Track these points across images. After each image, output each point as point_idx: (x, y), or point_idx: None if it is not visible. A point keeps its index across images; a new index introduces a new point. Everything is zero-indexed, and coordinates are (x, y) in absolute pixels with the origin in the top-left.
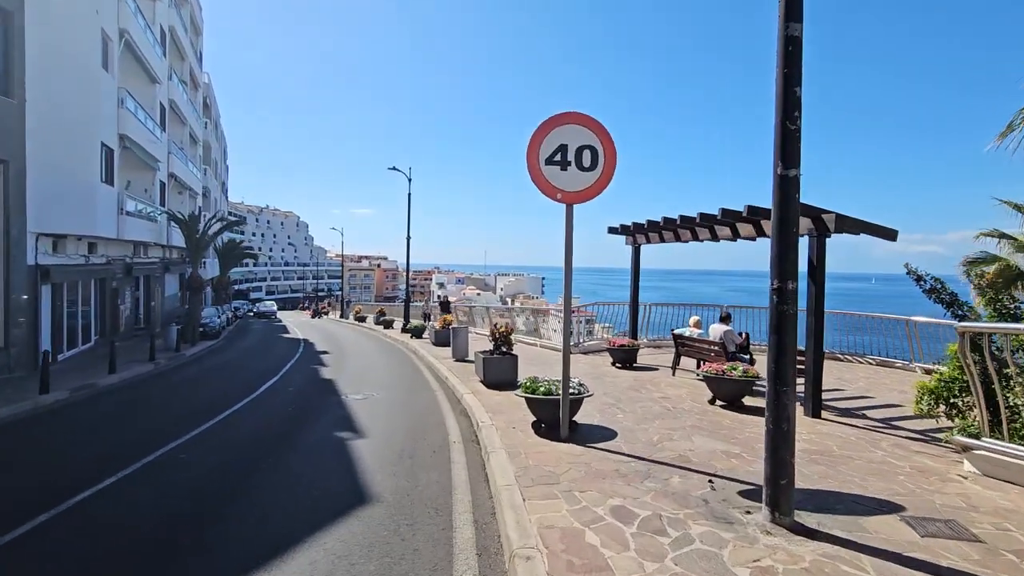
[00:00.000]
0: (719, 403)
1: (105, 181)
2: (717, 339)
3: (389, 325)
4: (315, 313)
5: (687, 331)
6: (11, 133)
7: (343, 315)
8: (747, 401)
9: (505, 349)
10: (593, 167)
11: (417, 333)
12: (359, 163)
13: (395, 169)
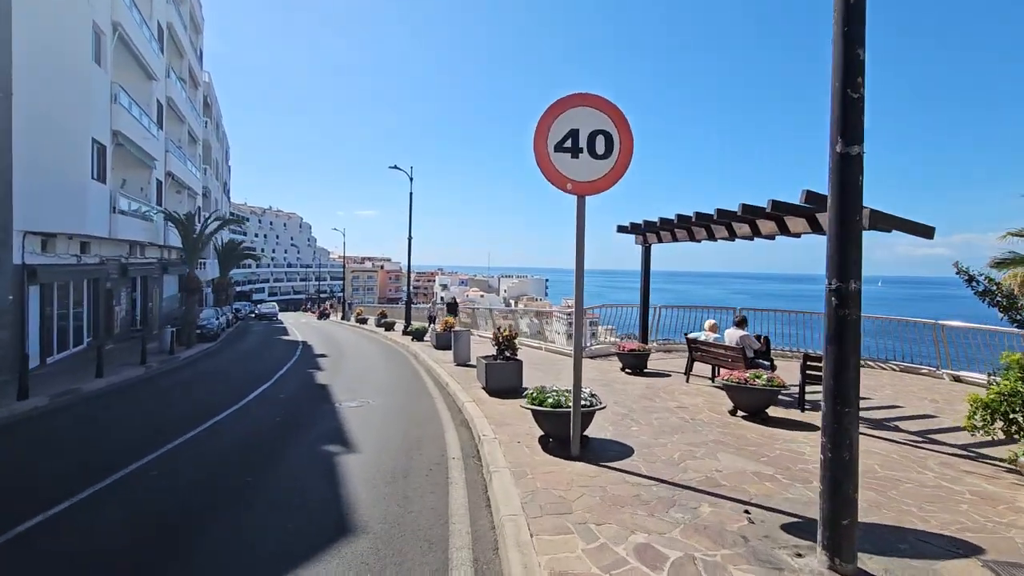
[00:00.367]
0: (740, 414)
1: (97, 178)
2: (734, 344)
3: (390, 327)
4: (321, 314)
5: (702, 335)
6: None
7: (344, 317)
8: (772, 412)
9: (509, 354)
10: (607, 155)
11: (418, 336)
12: (362, 164)
13: (396, 168)
